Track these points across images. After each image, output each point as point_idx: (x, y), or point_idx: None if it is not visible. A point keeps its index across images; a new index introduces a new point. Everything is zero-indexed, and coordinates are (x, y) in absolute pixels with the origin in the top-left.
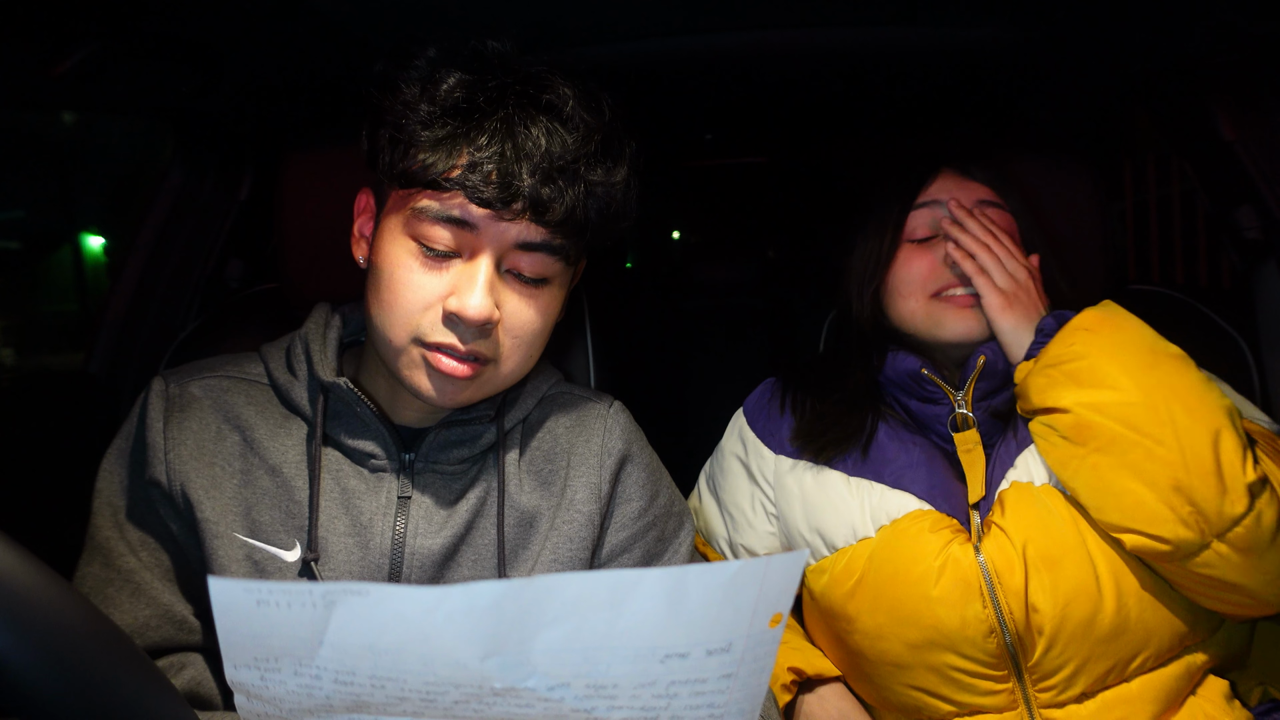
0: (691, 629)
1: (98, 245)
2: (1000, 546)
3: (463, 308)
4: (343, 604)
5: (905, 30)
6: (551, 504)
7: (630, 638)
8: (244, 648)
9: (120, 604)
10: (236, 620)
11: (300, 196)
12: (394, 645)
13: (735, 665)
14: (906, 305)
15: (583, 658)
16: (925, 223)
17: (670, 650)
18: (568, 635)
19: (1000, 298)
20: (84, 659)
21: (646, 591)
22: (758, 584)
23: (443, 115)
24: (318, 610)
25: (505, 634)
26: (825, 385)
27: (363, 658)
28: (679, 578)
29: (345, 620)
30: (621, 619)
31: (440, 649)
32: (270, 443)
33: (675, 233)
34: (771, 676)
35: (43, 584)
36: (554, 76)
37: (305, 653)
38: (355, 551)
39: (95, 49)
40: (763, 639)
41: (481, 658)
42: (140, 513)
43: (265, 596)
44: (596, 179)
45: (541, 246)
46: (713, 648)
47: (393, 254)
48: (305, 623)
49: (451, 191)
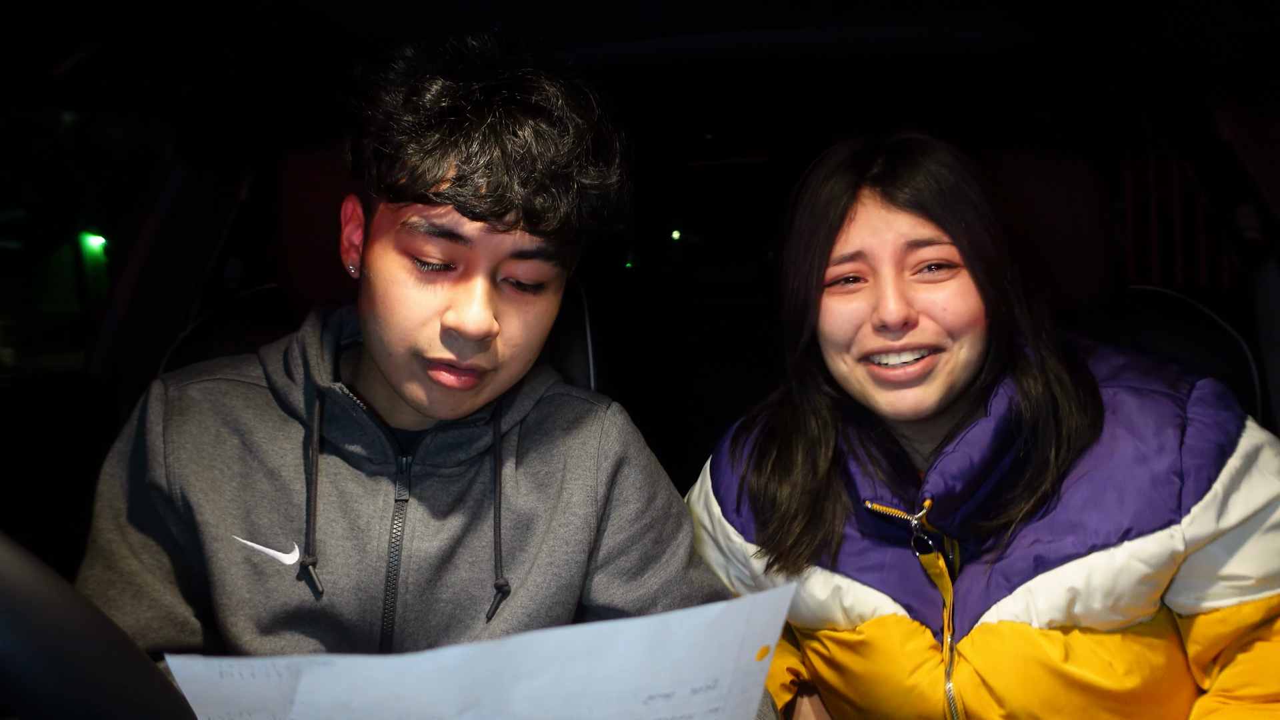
0: (676, 670)
1: (98, 245)
2: (972, 684)
3: (461, 323)
4: (309, 674)
5: (905, 30)
6: (548, 506)
7: (613, 683)
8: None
9: (123, 606)
10: (202, 689)
11: (300, 196)
12: (367, 704)
13: (722, 700)
14: (836, 365)
15: (563, 703)
16: (850, 268)
17: (654, 692)
18: (548, 685)
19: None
20: (84, 659)
21: (627, 641)
22: (744, 623)
23: (428, 125)
24: (284, 679)
25: (481, 689)
26: (782, 463)
27: (337, 713)
28: (660, 626)
29: (313, 686)
30: (603, 666)
31: (415, 707)
32: (269, 446)
33: (675, 233)
34: (770, 675)
35: (43, 584)
36: (539, 76)
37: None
38: (353, 554)
39: (95, 49)
40: (750, 671)
41: (458, 711)
42: (141, 515)
43: (228, 669)
44: (589, 181)
45: (537, 254)
46: (698, 686)
47: (385, 269)
48: (273, 690)
49: (442, 206)
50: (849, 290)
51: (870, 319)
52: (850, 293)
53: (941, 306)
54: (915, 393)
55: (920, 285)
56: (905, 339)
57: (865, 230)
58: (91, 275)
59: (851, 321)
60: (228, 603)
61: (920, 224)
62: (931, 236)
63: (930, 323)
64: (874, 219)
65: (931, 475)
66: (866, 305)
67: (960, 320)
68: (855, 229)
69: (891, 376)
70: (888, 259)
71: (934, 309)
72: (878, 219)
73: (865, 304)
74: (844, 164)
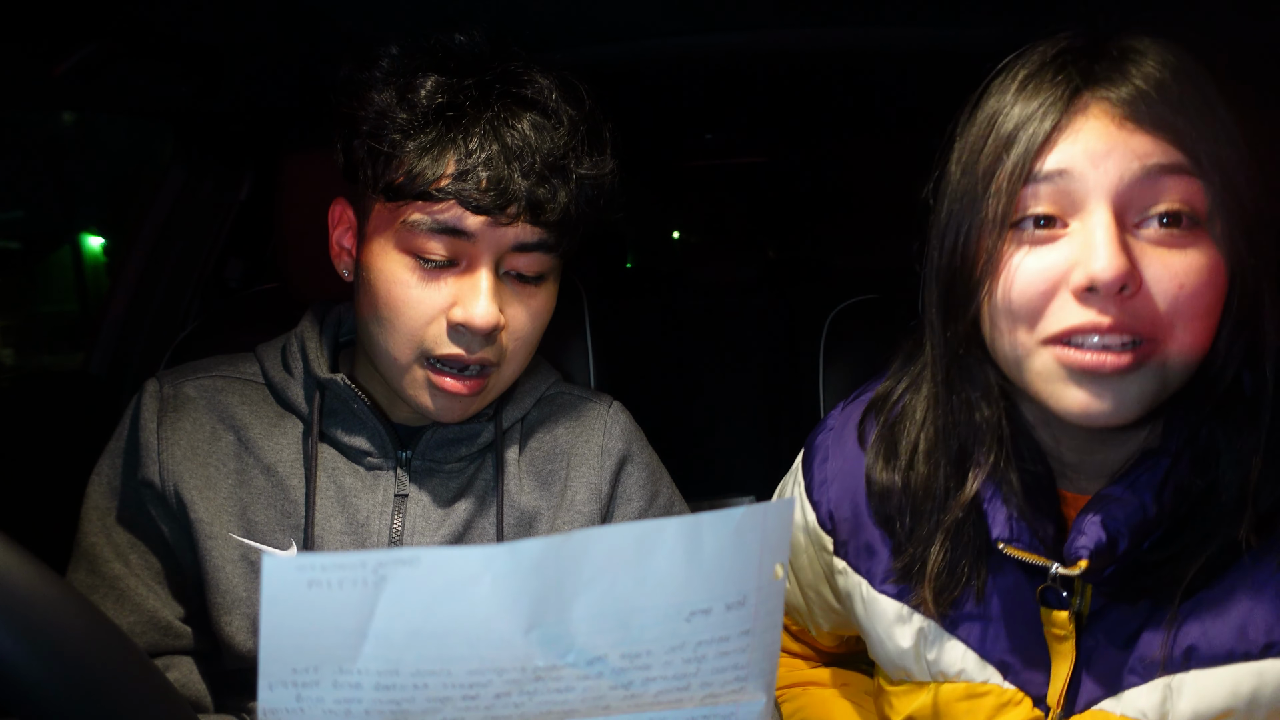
0: (710, 581)
1: (98, 245)
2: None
3: (469, 318)
4: (394, 578)
5: (906, 30)
6: (552, 504)
7: (658, 595)
8: (284, 656)
9: (105, 610)
10: (284, 611)
11: (300, 197)
12: (440, 627)
13: (751, 620)
14: (1007, 347)
15: (617, 622)
16: (1047, 198)
17: (695, 607)
18: (601, 598)
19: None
20: (84, 659)
21: (669, 541)
22: (760, 529)
23: (425, 122)
24: (368, 589)
25: (546, 599)
26: (918, 487)
27: (408, 648)
28: (695, 525)
29: (394, 598)
30: (649, 575)
31: (486, 624)
32: (265, 442)
33: (675, 233)
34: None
35: (43, 584)
36: (530, 70)
37: (347, 652)
38: (351, 550)
39: (95, 49)
40: (771, 591)
41: (525, 630)
42: (131, 515)
43: (318, 575)
44: (586, 171)
45: (538, 246)
46: (730, 601)
47: (387, 270)
48: (353, 607)
49: (444, 202)
50: (1040, 239)
51: (1070, 280)
52: (1041, 242)
53: (1177, 278)
54: (1118, 392)
55: (1148, 245)
56: (1119, 315)
57: (1078, 150)
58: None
59: (1045, 279)
60: (222, 602)
61: (1166, 149)
62: (1181, 163)
63: (1152, 300)
64: (1094, 137)
65: (1088, 523)
66: (1064, 260)
67: (1198, 303)
68: (1064, 147)
69: (1093, 365)
70: (1106, 192)
71: (1164, 279)
72: (1099, 137)
73: (1064, 258)
74: (1052, 63)
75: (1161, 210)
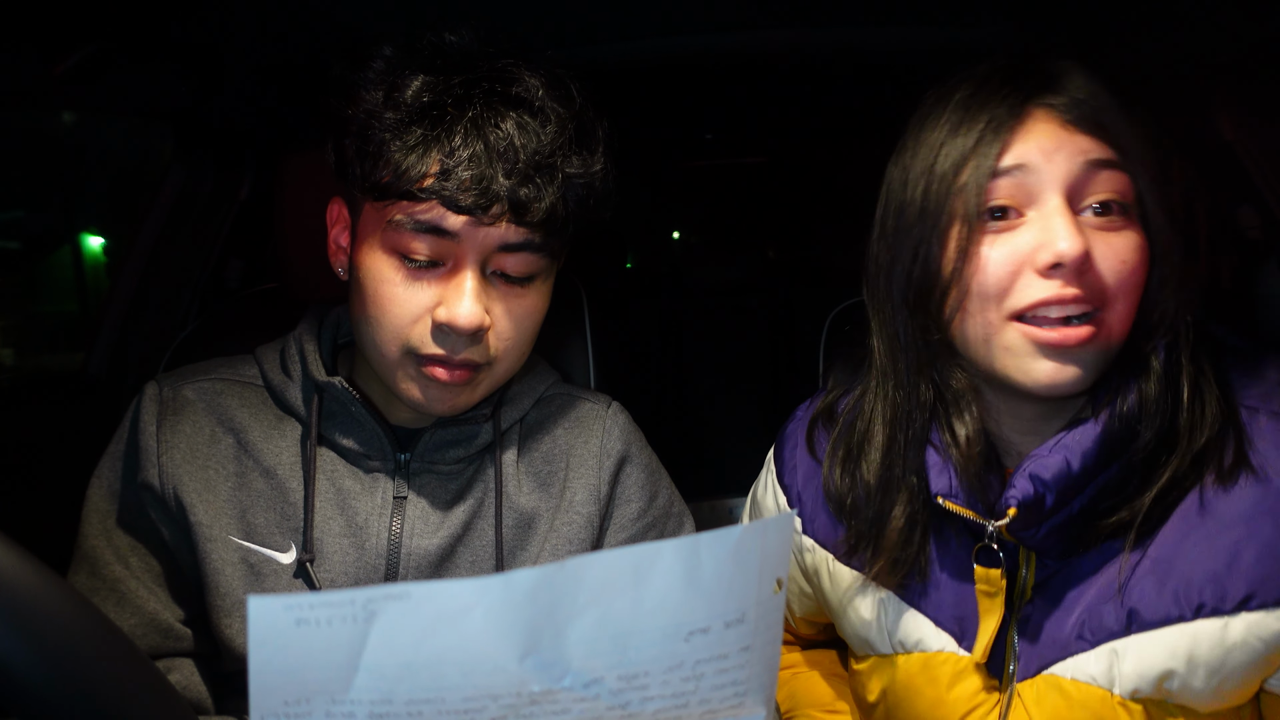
0: (710, 601)
1: (98, 245)
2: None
3: (453, 318)
4: (384, 613)
5: (905, 30)
6: (550, 505)
7: (655, 617)
8: (275, 690)
9: (106, 613)
10: (273, 651)
11: (300, 196)
12: (433, 657)
13: (751, 636)
14: (973, 329)
15: (613, 645)
16: (1005, 191)
17: (693, 626)
18: (598, 622)
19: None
20: (85, 661)
21: (666, 564)
22: (759, 546)
23: (410, 121)
24: (358, 625)
25: (541, 627)
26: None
27: (400, 679)
28: (693, 547)
29: (385, 633)
30: (646, 598)
31: (479, 654)
32: (264, 444)
33: (675, 233)
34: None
35: (44, 587)
36: (520, 68)
37: (339, 684)
38: (351, 552)
39: (95, 49)
40: (771, 606)
41: (520, 658)
42: (131, 518)
43: (306, 614)
44: (574, 170)
45: (524, 246)
46: (729, 619)
47: (374, 268)
48: (344, 643)
49: (427, 201)
50: (1000, 229)
51: (1036, 260)
52: (1001, 231)
53: (1119, 255)
54: (1079, 362)
55: (1090, 229)
56: (1080, 287)
57: (1031, 147)
58: (91, 275)
59: (1011, 262)
60: (222, 604)
61: (1101, 147)
62: (1113, 159)
63: (1100, 276)
64: (1044, 136)
65: (1018, 479)
66: (1028, 244)
67: (1134, 278)
68: (1019, 146)
69: (1058, 340)
70: (1059, 183)
71: (1109, 257)
72: (1049, 136)
73: (1026, 243)
74: (994, 79)
75: (1099, 199)
